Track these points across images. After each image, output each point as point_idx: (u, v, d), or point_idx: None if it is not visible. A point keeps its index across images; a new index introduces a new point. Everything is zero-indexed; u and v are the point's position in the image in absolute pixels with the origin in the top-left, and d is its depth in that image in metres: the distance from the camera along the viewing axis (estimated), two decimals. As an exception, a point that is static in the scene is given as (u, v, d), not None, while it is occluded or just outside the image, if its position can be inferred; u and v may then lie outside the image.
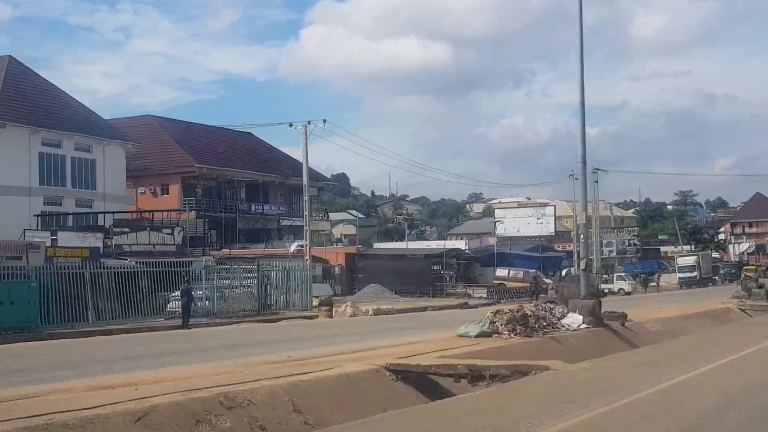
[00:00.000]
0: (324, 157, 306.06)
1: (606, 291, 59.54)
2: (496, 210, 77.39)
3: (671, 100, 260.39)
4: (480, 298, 47.60)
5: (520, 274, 59.53)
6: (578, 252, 66.58)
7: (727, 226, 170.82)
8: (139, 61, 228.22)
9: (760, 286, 37.87)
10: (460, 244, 66.37)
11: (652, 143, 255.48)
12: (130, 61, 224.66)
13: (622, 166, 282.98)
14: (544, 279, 57.15)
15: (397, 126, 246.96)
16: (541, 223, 70.21)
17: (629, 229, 79.02)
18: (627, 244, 77.27)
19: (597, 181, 66.37)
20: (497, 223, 74.06)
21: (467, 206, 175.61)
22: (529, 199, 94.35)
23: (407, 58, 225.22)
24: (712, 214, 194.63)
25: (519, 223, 71.10)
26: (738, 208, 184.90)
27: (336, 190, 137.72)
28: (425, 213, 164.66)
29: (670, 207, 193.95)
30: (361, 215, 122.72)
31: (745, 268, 76.68)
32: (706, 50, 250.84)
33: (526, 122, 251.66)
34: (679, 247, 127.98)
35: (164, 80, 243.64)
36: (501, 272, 60.36)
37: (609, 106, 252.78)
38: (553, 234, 74.32)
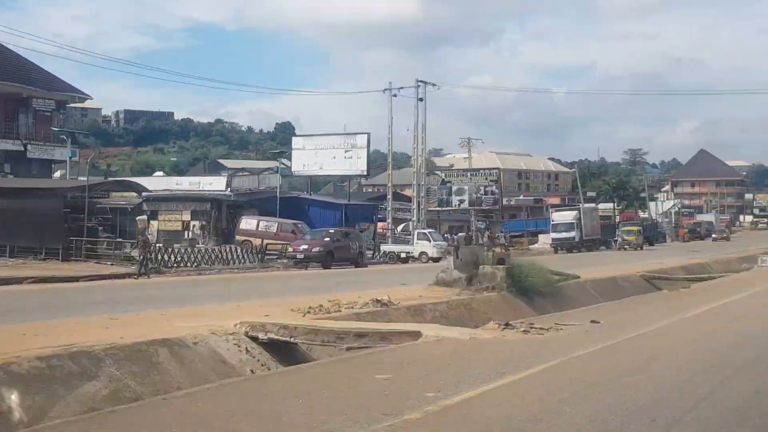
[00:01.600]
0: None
1: (403, 255, 42.37)
2: (294, 139, 57.14)
3: (639, 63, 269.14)
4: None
5: (273, 227, 41.14)
6: (419, 201, 48.84)
7: (670, 185, 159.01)
8: (109, 5, 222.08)
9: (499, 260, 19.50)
10: (221, 182, 47.37)
11: (617, 105, 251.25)
12: (100, 4, 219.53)
13: (589, 127, 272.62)
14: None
15: (365, 80, 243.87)
16: (350, 157, 50.63)
17: (487, 171, 59.66)
18: (483, 192, 58.28)
19: (422, 99, 47.83)
20: (292, 155, 54.52)
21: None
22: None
23: (375, 10, 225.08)
24: (660, 175, 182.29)
25: (322, 157, 51.34)
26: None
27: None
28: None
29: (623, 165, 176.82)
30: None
31: (624, 228, 58.50)
32: (673, 13, 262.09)
33: (495, 81, 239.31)
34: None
35: (133, 26, 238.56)
36: (248, 224, 41.95)
37: (578, 65, 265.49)
38: (365, 172, 55.05)
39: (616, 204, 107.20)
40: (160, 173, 74.85)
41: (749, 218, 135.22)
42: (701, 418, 6.08)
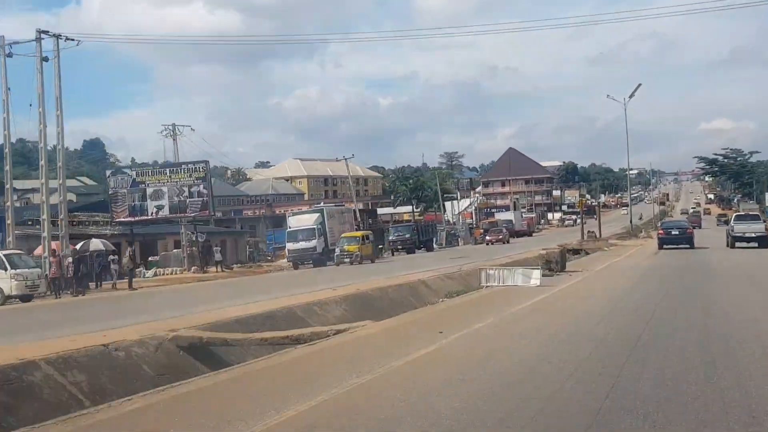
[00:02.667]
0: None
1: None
2: None
3: (457, 72, 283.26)
4: None
5: None
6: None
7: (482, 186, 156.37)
8: None
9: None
10: None
11: (440, 113, 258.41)
12: None
13: (415, 135, 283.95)
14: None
15: (191, 96, 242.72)
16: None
17: (192, 167, 45.58)
18: (188, 194, 44.71)
19: (47, 59, 33.56)
20: None
21: None
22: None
23: (197, 25, 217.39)
24: (475, 175, 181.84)
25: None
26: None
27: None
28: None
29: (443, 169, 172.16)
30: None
31: (344, 236, 46.43)
32: (487, 23, 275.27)
33: (321, 93, 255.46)
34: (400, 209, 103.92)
35: None
36: None
37: (401, 76, 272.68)
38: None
39: (414, 207, 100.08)
40: None
41: (558, 215, 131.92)
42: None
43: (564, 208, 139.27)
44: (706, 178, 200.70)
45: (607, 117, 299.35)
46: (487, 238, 65.64)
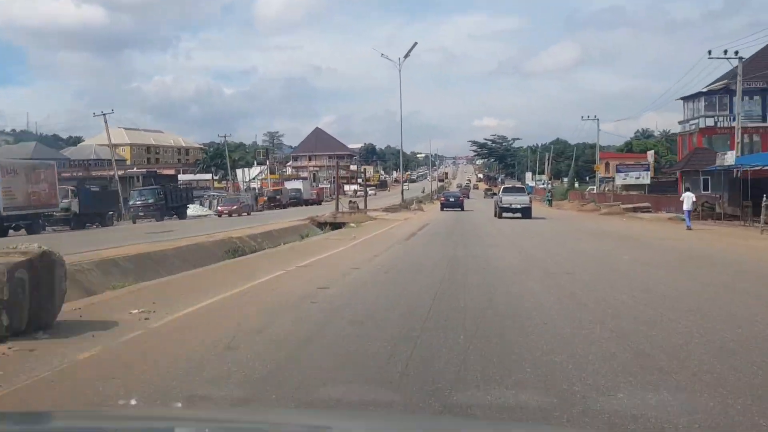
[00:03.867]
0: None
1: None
2: None
3: (289, 69, 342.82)
4: None
5: None
6: None
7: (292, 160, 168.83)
8: None
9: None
10: None
11: (274, 102, 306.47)
12: None
13: (253, 119, 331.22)
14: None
15: (62, 79, 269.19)
16: None
17: None
18: None
19: None
20: None
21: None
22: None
23: (65, 15, 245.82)
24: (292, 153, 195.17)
25: None
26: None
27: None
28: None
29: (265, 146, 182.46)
30: None
31: None
32: (313, 30, 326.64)
33: (174, 80, 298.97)
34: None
35: None
36: None
37: (242, 70, 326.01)
38: None
39: (213, 174, 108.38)
40: None
41: (354, 187, 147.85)
42: None
43: (359, 181, 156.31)
44: (477, 162, 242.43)
45: (405, 111, 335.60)
46: (218, 208, 55.09)
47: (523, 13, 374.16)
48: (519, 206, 38.24)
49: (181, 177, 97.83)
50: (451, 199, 55.13)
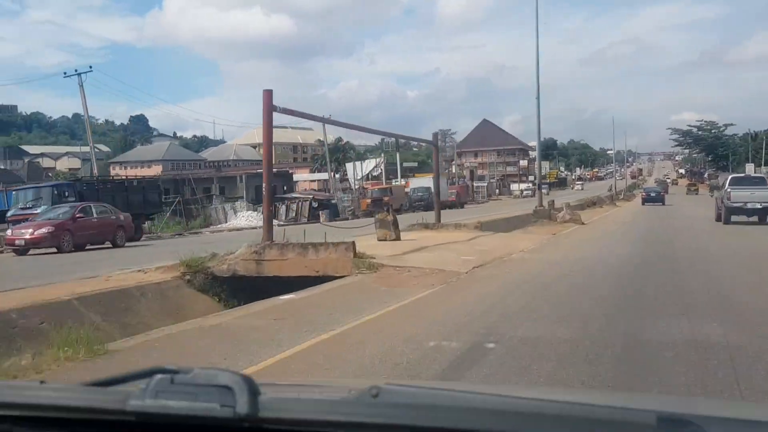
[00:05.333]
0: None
1: None
2: None
3: (470, 69, 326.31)
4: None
5: None
6: None
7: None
8: (34, 29, 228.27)
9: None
10: None
11: (455, 102, 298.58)
12: (25, 28, 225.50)
13: (435, 121, 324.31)
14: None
15: (252, 87, 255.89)
16: None
17: None
18: None
19: None
20: None
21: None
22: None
23: (253, 26, 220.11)
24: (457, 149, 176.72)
25: None
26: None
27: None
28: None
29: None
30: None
31: None
32: (495, 28, 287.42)
33: (359, 85, 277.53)
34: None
35: (55, 46, 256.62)
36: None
37: (424, 72, 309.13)
38: None
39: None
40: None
41: (525, 185, 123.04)
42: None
43: (530, 178, 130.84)
44: (678, 157, 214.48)
45: (594, 108, 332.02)
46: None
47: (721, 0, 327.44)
48: (760, 206, 25.61)
49: (300, 176, 79.93)
50: (652, 194, 56.07)
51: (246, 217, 39.11)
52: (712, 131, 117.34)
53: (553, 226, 24.82)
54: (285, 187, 56.60)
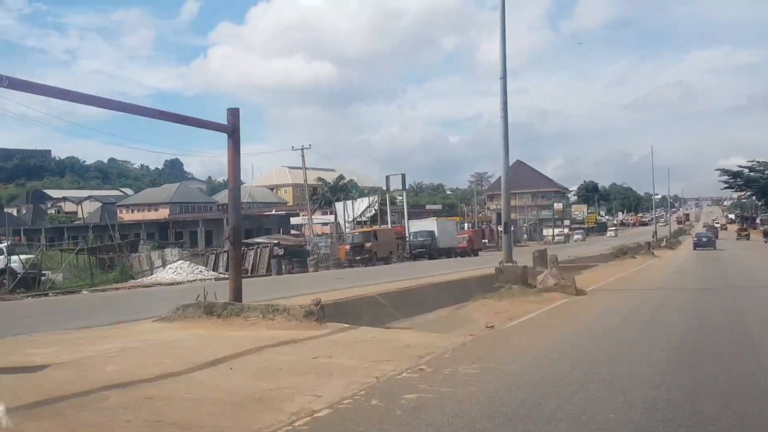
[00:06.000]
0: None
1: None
2: None
3: (513, 113, 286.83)
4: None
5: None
6: None
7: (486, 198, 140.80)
8: (84, 78, 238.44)
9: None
10: None
11: (498, 146, 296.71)
12: (76, 78, 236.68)
13: (477, 165, 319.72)
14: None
15: (295, 132, 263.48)
16: None
17: None
18: None
19: None
20: None
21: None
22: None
23: (297, 73, 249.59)
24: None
25: None
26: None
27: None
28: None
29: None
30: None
31: None
32: (538, 73, 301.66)
33: (401, 130, 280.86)
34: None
35: (105, 94, 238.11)
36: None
37: (466, 117, 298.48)
38: None
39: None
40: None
41: (561, 230, 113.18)
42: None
43: (566, 222, 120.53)
44: (726, 203, 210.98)
45: (640, 153, 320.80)
46: None
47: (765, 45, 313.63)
48: None
49: (298, 220, 72.33)
50: (704, 239, 55.12)
51: (175, 269, 31.26)
52: (766, 172, 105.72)
53: (523, 300, 14.18)
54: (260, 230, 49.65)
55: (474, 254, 55.24)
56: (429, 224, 54.39)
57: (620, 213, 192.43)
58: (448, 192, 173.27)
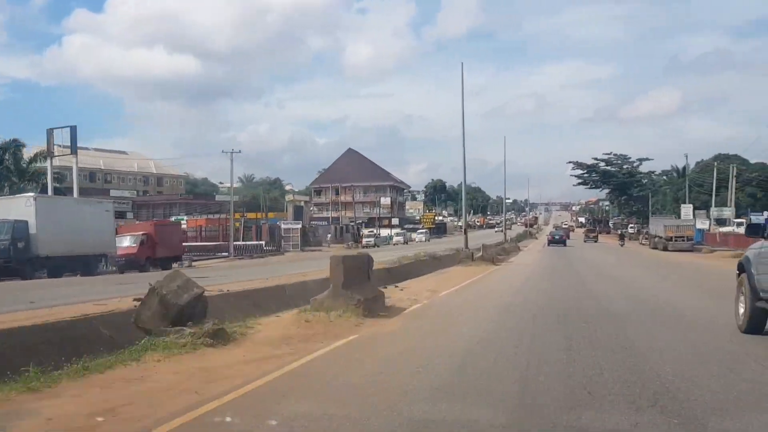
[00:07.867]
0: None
1: None
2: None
3: (379, 116, 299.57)
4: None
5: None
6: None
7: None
8: None
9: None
10: None
11: (364, 150, 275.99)
12: None
13: None
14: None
15: (158, 128, 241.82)
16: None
17: None
18: None
19: None
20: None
21: None
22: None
23: (159, 66, 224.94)
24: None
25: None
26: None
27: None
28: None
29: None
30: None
31: None
32: (404, 78, 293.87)
33: (269, 129, 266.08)
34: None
35: None
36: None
37: (334, 119, 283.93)
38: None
39: None
40: None
41: (391, 230, 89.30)
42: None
43: (395, 221, 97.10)
44: (574, 207, 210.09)
45: (497, 160, 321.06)
46: None
47: (619, 61, 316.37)
48: None
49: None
50: (557, 237, 62.53)
51: None
52: (624, 166, 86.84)
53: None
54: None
55: (153, 266, 28.92)
56: (19, 209, 26.75)
57: (468, 214, 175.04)
58: (287, 188, 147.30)
